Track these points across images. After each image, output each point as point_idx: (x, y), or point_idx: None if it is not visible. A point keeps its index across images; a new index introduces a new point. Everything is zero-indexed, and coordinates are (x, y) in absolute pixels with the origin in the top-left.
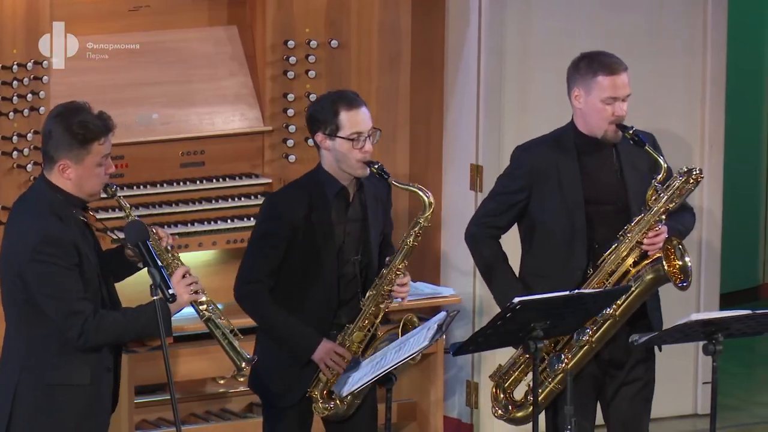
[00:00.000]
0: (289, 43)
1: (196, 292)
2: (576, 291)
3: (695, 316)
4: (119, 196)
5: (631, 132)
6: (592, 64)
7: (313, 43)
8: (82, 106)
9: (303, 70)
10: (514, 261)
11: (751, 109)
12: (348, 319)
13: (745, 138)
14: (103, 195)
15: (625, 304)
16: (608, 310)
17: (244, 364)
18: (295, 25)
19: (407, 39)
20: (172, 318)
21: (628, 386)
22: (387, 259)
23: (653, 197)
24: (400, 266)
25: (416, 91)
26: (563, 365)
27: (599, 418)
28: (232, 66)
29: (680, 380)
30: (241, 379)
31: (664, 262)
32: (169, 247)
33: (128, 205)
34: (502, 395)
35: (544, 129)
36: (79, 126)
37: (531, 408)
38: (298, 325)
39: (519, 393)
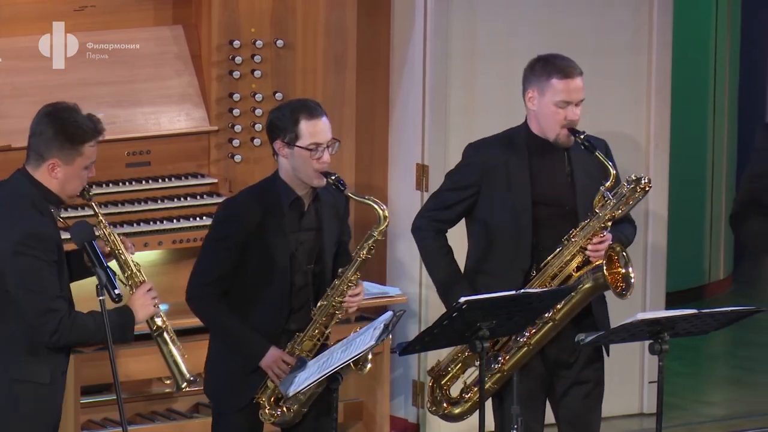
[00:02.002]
0: (234, 42)
1: (156, 306)
2: (522, 291)
3: (641, 316)
4: (93, 201)
5: (582, 137)
6: (547, 67)
7: (259, 43)
8: (73, 107)
9: (249, 69)
10: (462, 255)
11: (697, 108)
12: (298, 327)
13: (690, 137)
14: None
15: (565, 308)
16: (548, 313)
17: (184, 384)
18: (241, 25)
19: (353, 39)
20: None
21: (579, 386)
22: (339, 270)
23: (600, 203)
24: (353, 278)
25: (362, 91)
26: (499, 365)
27: (549, 418)
28: (177, 66)
29: (626, 379)
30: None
31: (604, 270)
32: (131, 259)
33: (99, 210)
34: (438, 390)
35: (489, 128)
36: (72, 126)
37: (467, 405)
38: (247, 331)
39: (455, 390)
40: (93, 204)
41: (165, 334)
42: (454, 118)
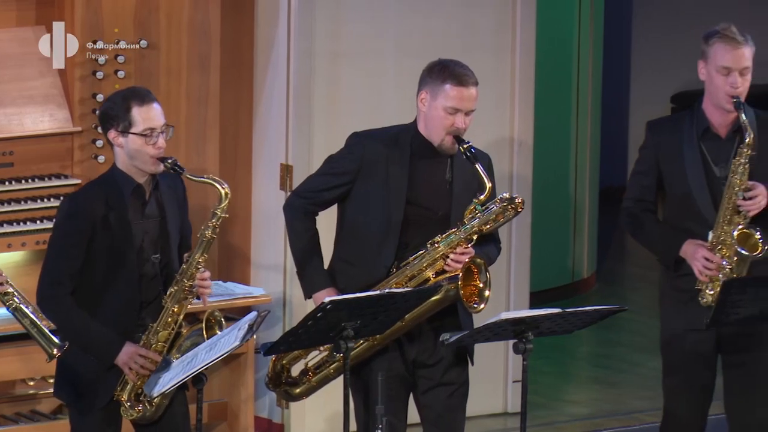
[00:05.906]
0: (97, 43)
1: (0, 284)
2: (387, 291)
3: (505, 315)
4: None
5: (465, 146)
6: (443, 72)
7: (122, 43)
8: None
9: (112, 70)
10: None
11: (560, 108)
12: (152, 320)
13: (554, 137)
14: None
15: (415, 310)
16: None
17: (55, 350)
18: (104, 25)
19: (216, 39)
20: None
21: (442, 387)
22: (186, 254)
23: (470, 215)
24: (200, 260)
25: (226, 91)
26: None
27: (412, 417)
28: (40, 66)
29: (490, 379)
30: (51, 381)
31: (460, 282)
32: None
33: None
34: (279, 367)
35: (353, 128)
36: None
37: (304, 386)
38: (100, 329)
39: (296, 370)
40: None
41: (24, 308)
42: (318, 118)
